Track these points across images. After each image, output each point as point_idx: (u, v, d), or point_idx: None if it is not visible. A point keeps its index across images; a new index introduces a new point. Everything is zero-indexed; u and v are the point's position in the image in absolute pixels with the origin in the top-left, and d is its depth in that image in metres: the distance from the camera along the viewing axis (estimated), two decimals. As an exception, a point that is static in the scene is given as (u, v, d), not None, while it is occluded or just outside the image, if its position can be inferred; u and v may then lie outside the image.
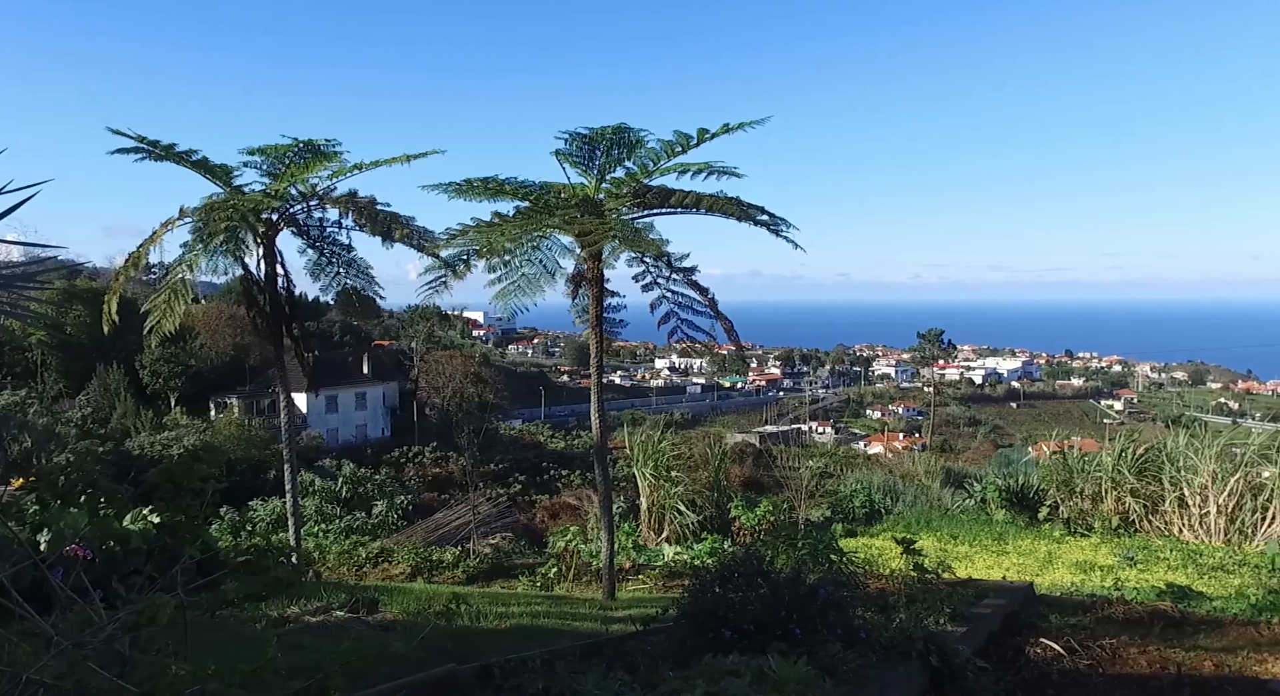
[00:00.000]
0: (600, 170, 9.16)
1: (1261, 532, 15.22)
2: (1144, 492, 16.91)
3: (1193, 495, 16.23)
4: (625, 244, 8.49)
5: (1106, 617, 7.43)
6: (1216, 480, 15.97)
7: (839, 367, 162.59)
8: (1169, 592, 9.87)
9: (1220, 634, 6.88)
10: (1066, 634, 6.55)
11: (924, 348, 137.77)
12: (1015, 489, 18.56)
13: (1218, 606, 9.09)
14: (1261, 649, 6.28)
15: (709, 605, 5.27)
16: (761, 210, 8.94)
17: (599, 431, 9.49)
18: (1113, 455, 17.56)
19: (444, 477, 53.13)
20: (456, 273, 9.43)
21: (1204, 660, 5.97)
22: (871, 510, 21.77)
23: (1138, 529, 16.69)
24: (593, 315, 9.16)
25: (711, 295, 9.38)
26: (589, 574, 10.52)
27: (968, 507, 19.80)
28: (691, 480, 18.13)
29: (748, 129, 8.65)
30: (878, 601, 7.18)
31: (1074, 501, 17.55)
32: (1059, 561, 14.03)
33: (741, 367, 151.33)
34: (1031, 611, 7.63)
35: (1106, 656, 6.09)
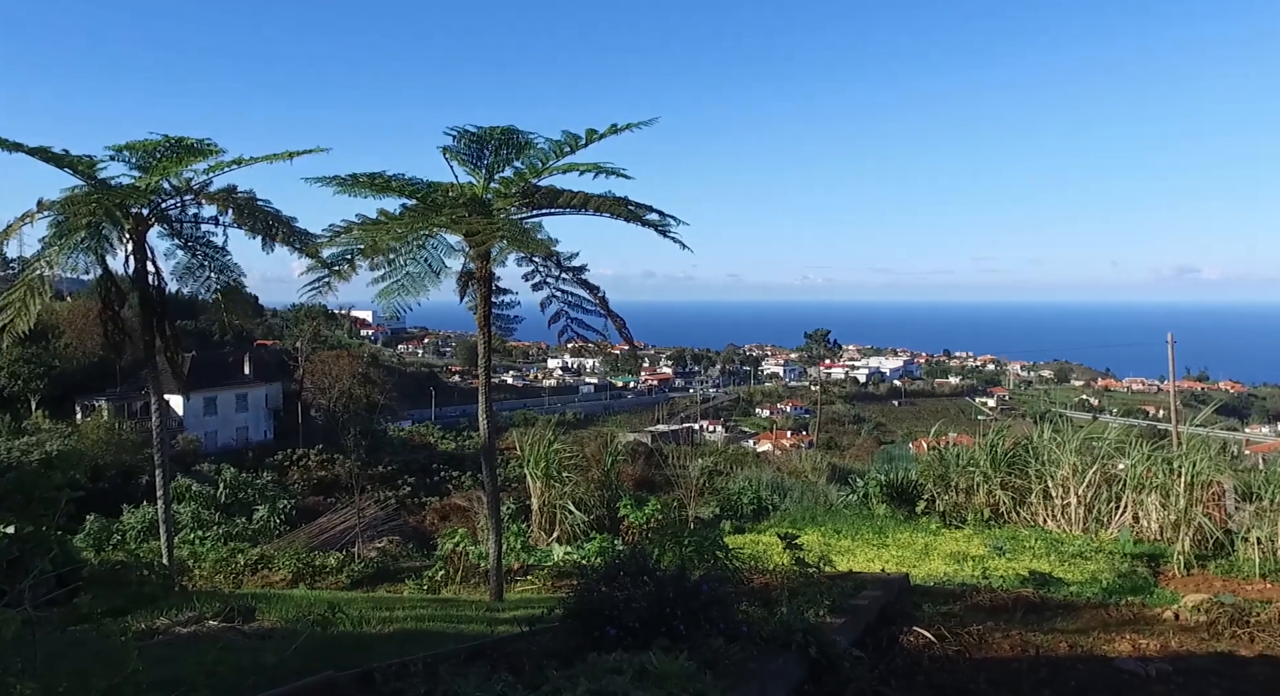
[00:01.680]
0: (489, 169, 9.08)
1: (1115, 521, 16.16)
2: (1013, 485, 17.68)
3: (1056, 487, 17.07)
4: (513, 244, 8.45)
5: (975, 605, 7.80)
6: (1077, 472, 16.84)
7: (729, 367, 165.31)
8: (1031, 580, 10.40)
9: (1075, 616, 7.31)
10: (938, 622, 6.85)
11: (811, 347, 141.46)
12: (895, 484, 19.19)
13: (1074, 591, 9.63)
14: (1110, 629, 6.70)
15: (594, 604, 5.30)
16: (650, 209, 9.03)
17: (486, 432, 9.41)
18: (984, 451, 18.32)
19: (330, 481, 51.63)
20: (340, 274, 9.20)
21: (1060, 641, 6.33)
22: (759, 507, 22.20)
23: (1007, 520, 17.43)
24: (481, 315, 9.07)
25: (602, 294, 9.43)
26: (477, 575, 10.42)
27: (851, 503, 20.39)
28: (583, 480, 18.13)
29: (635, 129, 8.73)
30: (762, 596, 7.35)
31: (949, 495, 18.23)
32: (935, 553, 14.57)
33: (634, 367, 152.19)
34: (906, 601, 7.94)
35: (973, 641, 6.40)
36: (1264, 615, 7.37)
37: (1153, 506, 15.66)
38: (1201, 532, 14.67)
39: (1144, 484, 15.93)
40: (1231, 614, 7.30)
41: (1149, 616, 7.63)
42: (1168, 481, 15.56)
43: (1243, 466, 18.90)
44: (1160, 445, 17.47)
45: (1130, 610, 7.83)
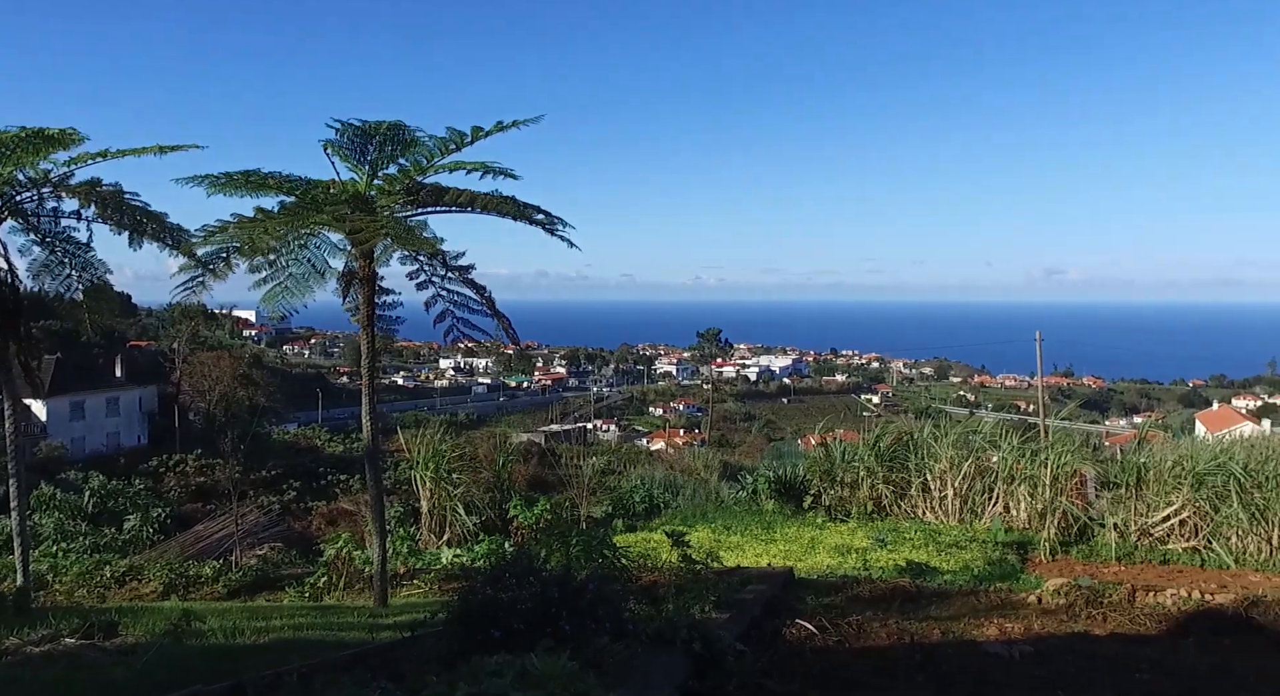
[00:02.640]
0: (373, 165, 8.87)
1: (989, 511, 16.92)
2: (894, 480, 18.26)
3: (934, 480, 17.73)
4: (398, 242, 8.28)
5: (855, 596, 8.05)
6: (954, 466, 17.52)
7: (623, 367, 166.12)
8: (908, 570, 10.80)
9: (948, 604, 7.63)
10: (820, 614, 7.04)
11: (703, 346, 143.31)
12: (783, 480, 19.60)
13: (947, 580, 10.06)
14: (980, 614, 7.02)
15: (479, 606, 5.25)
16: (538, 209, 8.99)
17: (370, 434, 9.20)
18: (868, 446, 18.90)
19: (209, 487, 49.38)
20: (216, 272, 8.84)
21: (933, 628, 6.60)
22: (651, 505, 22.35)
23: (889, 512, 18.00)
24: (364, 315, 8.86)
25: (489, 294, 9.34)
26: (362, 581, 10.18)
27: (740, 499, 20.73)
28: (475, 481, 17.91)
29: (521, 126, 8.68)
30: (650, 593, 7.41)
31: (835, 490, 18.70)
32: (820, 546, 14.96)
33: (527, 367, 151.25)
34: (790, 595, 8.13)
35: (853, 632, 6.60)
36: (1115, 596, 7.86)
37: (1022, 496, 16.45)
38: (1066, 520, 15.51)
39: (1014, 475, 16.73)
40: (1087, 596, 7.76)
41: (1015, 601, 8.04)
42: (1036, 472, 16.38)
43: (1103, 457, 19.98)
44: (1029, 438, 18.32)
45: (998, 596, 8.23)
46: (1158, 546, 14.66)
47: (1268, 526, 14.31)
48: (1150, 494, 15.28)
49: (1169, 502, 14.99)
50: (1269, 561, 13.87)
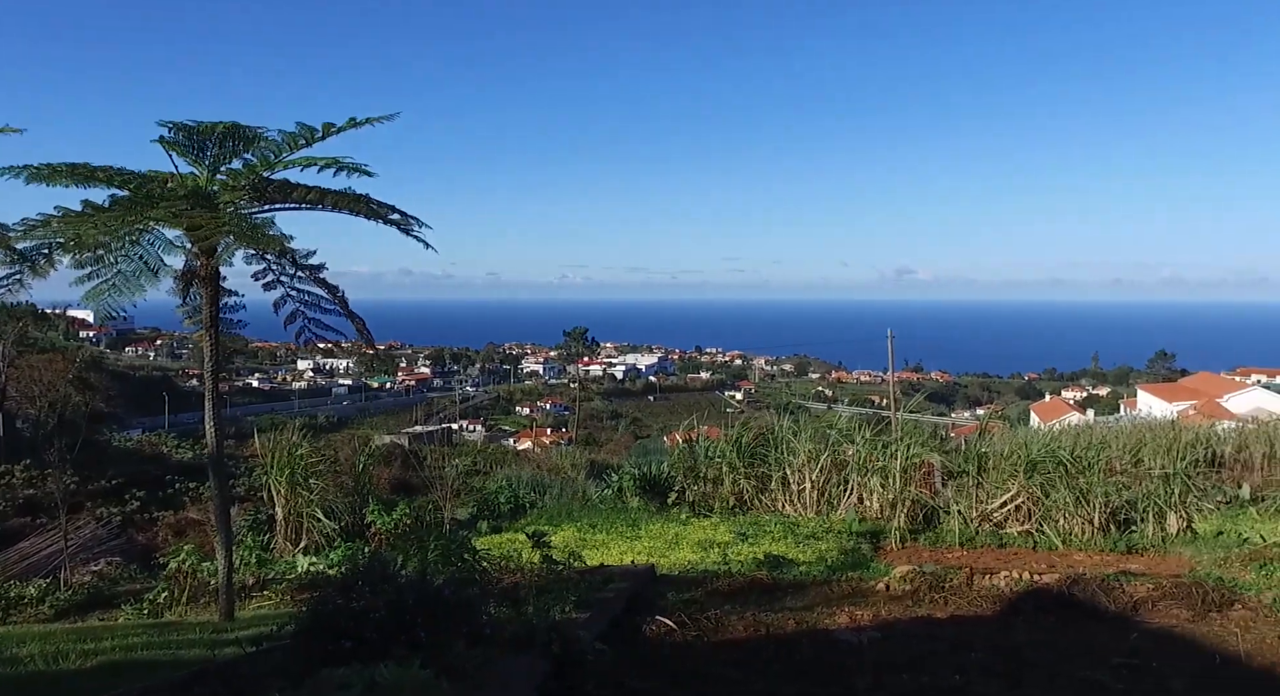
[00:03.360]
0: (214, 160, 8.42)
1: (844, 502, 17.53)
2: (756, 474, 18.66)
3: (793, 474, 18.22)
4: (242, 239, 7.89)
5: (715, 590, 8.20)
6: (811, 459, 18.08)
7: (489, 366, 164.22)
8: (766, 563, 11.07)
9: (803, 595, 7.87)
10: (679, 609, 7.14)
11: (570, 345, 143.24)
12: (648, 477, 19.75)
13: (802, 571, 10.36)
14: (832, 604, 7.28)
15: (329, 616, 5.06)
16: (393, 209, 8.74)
17: (213, 440, 8.74)
18: (729, 442, 19.28)
19: (40, 499, 45.96)
20: (36, 269, 8.18)
21: (789, 619, 6.79)
22: (517, 505, 22.14)
23: (751, 507, 18.39)
24: (207, 316, 8.40)
25: (342, 294, 9.02)
26: (207, 595, 9.68)
27: (606, 497, 20.78)
28: (334, 485, 17.31)
29: (376, 124, 8.42)
30: (512, 595, 7.33)
31: (699, 486, 18.98)
32: (684, 541, 15.15)
33: (390, 367, 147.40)
34: (652, 591, 8.21)
35: (711, 626, 6.72)
36: (955, 580, 8.30)
37: (875, 487, 17.11)
38: (915, 508, 16.23)
39: (868, 467, 17.38)
40: (930, 581, 8.17)
41: (865, 589, 8.37)
42: (887, 464, 17.08)
43: (949, 447, 21.01)
44: (882, 431, 19.07)
45: (850, 585, 8.56)
46: (997, 531, 15.52)
47: (1089, 508, 15.40)
48: (990, 481, 16.16)
49: (1006, 489, 15.89)
50: (1091, 541, 14.92)
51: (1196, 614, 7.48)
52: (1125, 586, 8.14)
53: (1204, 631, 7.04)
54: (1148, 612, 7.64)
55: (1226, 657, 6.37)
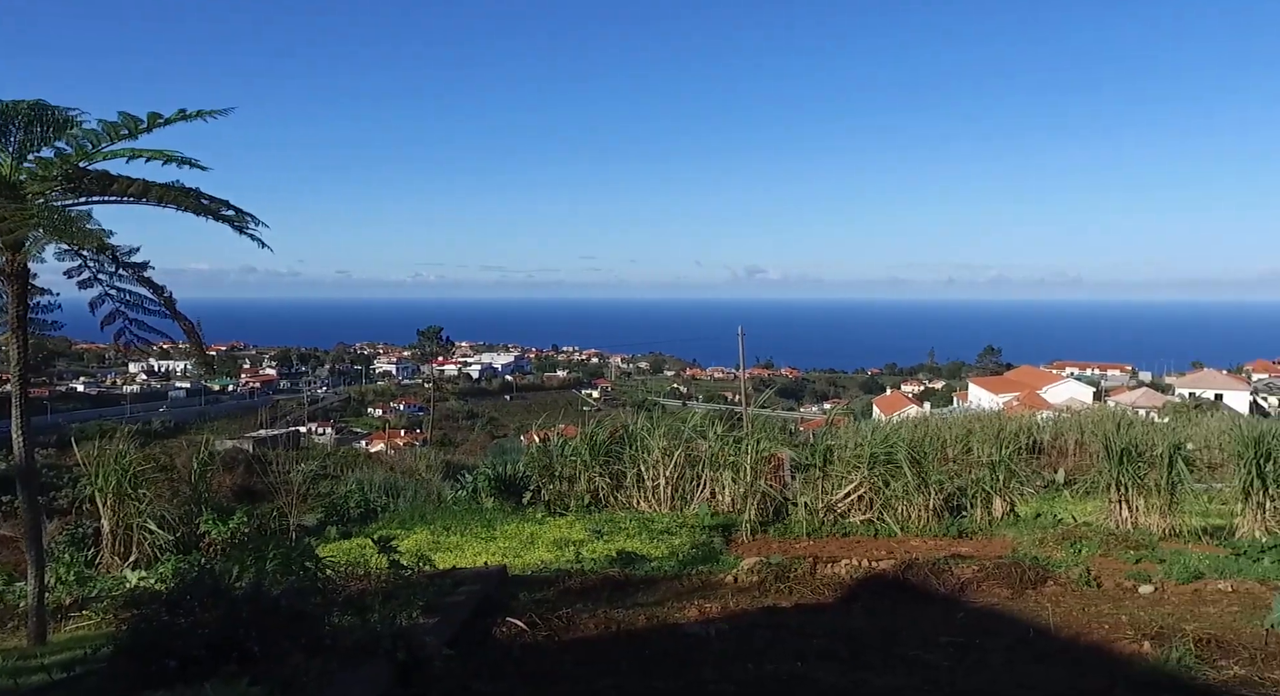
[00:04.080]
0: (21, 147, 7.75)
1: (697, 497, 17.86)
2: (611, 471, 18.75)
3: (648, 470, 18.40)
4: (54, 234, 7.30)
5: (567, 589, 8.18)
6: (666, 455, 18.32)
7: (340, 367, 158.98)
8: (619, 559, 11.14)
9: (654, 590, 7.96)
10: (531, 610, 7.09)
11: (424, 345, 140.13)
12: (504, 477, 19.53)
13: (654, 566, 10.49)
14: (682, 598, 7.39)
15: (152, 635, 4.77)
16: (226, 204, 8.28)
17: (22, 452, 8.06)
18: (584, 440, 19.29)
19: None
20: None
21: (639, 615, 6.85)
22: (367, 509, 21.47)
23: (607, 504, 18.44)
24: (13, 316, 7.73)
25: (168, 294, 8.47)
26: (16, 618, 8.93)
27: (461, 499, 20.43)
28: (169, 494, 16.30)
29: (208, 118, 7.97)
30: (357, 603, 7.10)
31: (554, 484, 18.89)
32: (539, 541, 15.07)
33: (231, 369, 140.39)
34: (504, 593, 8.12)
35: (563, 625, 6.71)
36: (800, 570, 8.61)
37: (727, 481, 17.48)
38: (765, 501, 16.71)
39: (720, 462, 17.76)
40: (776, 572, 8.43)
41: (714, 582, 8.56)
42: (739, 458, 17.49)
43: (798, 441, 21.70)
44: (733, 426, 19.51)
45: (700, 578, 8.73)
46: (841, 520, 16.15)
47: (926, 496, 16.26)
48: (836, 473, 16.80)
49: (850, 480, 16.56)
50: (927, 527, 15.75)
51: (1015, 591, 8.03)
52: (954, 569, 8.65)
53: (1021, 607, 7.56)
54: (973, 592, 8.14)
55: (1039, 630, 6.86)
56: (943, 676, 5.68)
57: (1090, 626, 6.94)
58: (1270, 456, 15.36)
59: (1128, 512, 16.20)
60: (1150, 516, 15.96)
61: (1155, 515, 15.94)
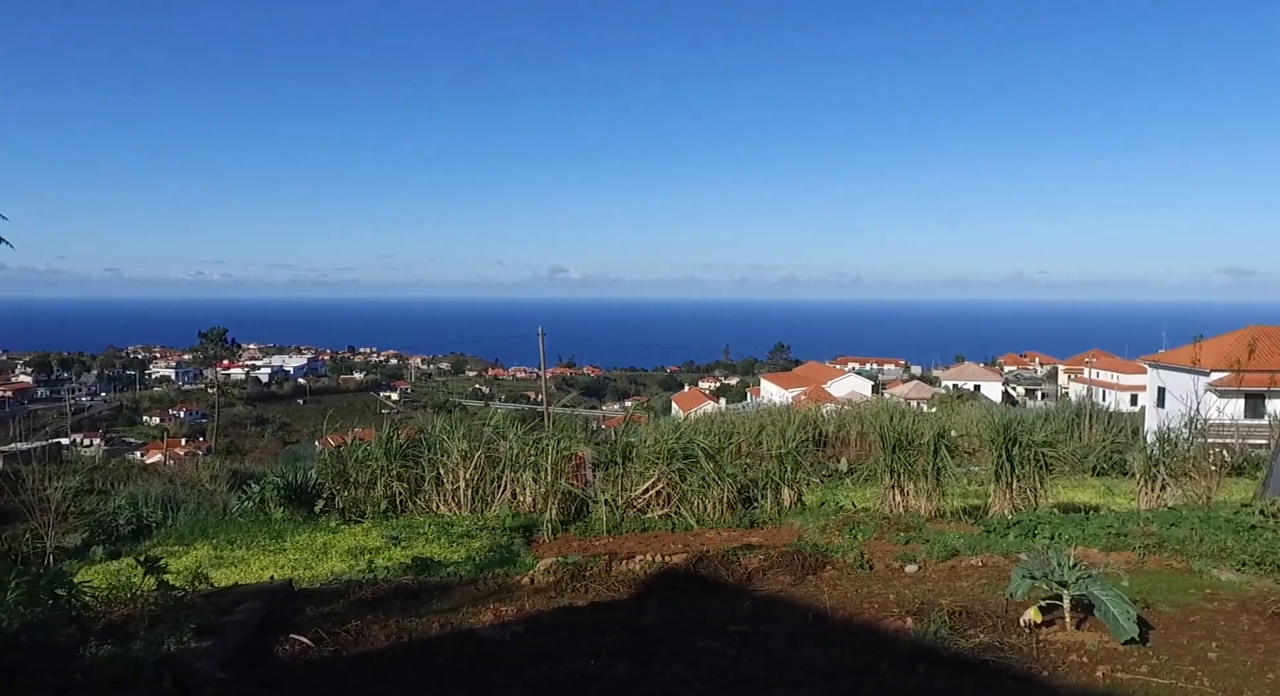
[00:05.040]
0: None
1: (498, 498, 17.74)
2: (409, 476, 18.30)
3: (447, 473, 18.08)
4: None
5: (358, 600, 7.90)
6: (466, 457, 18.08)
7: (110, 372, 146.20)
8: (413, 566, 10.88)
9: (449, 596, 7.83)
10: (317, 624, 6.79)
11: (206, 347, 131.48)
12: (294, 485, 18.64)
13: (451, 571, 10.32)
14: (478, 602, 7.31)
15: None
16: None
17: None
18: (380, 444, 18.71)
19: None
20: None
21: (433, 622, 6.72)
22: (140, 526, 19.85)
23: (405, 509, 18.00)
24: None
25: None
26: None
27: (247, 510, 19.32)
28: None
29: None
30: (121, 630, 6.56)
31: (349, 491, 18.22)
32: (333, 550, 14.49)
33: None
34: (290, 608, 7.74)
35: (351, 638, 6.47)
36: (596, 568, 8.73)
37: (528, 481, 17.46)
38: (567, 500, 16.82)
39: (521, 462, 17.72)
40: (573, 571, 8.51)
41: (511, 584, 8.52)
42: (539, 458, 17.52)
43: (600, 439, 21.99)
44: (535, 426, 19.52)
45: (496, 581, 8.66)
46: (641, 516, 16.51)
47: (720, 489, 16.91)
48: (635, 470, 17.17)
49: (649, 477, 16.97)
50: (722, 519, 16.37)
51: (797, 578, 8.50)
52: (742, 559, 9.04)
53: (802, 593, 8.02)
54: (760, 581, 8.54)
55: (817, 613, 7.30)
56: (728, 664, 5.94)
57: (862, 606, 7.45)
58: (1016, 441, 17.05)
59: (900, 497, 17.51)
60: (919, 500, 17.33)
61: (923, 499, 17.32)
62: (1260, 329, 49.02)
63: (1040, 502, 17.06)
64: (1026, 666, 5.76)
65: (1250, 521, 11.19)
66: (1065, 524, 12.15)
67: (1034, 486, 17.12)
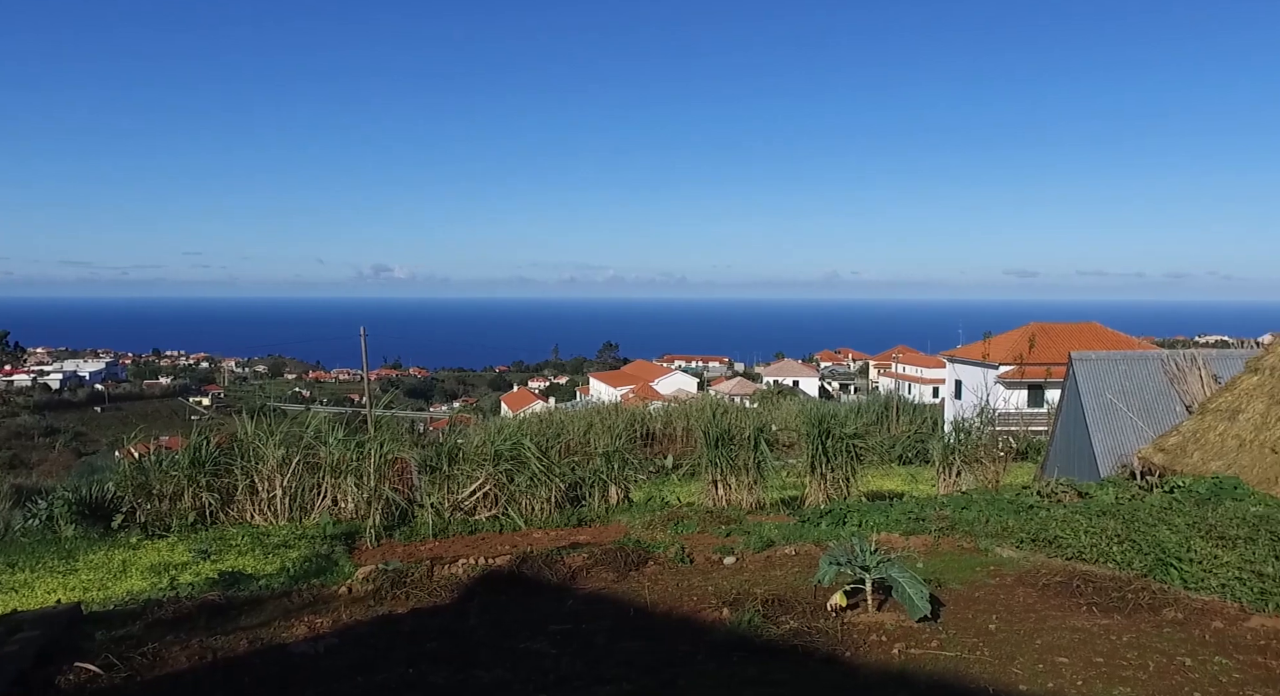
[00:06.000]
0: None
1: (319, 506, 17.10)
2: (220, 485, 17.38)
3: (262, 481, 17.27)
4: None
5: (158, 620, 7.42)
6: (283, 464, 17.32)
7: None
8: (222, 580, 10.33)
9: (260, 610, 7.48)
10: (109, 649, 6.33)
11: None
12: (89, 499, 17.29)
13: (262, 584, 9.86)
14: (291, 615, 7.02)
15: None
16: None
17: None
18: (187, 452, 17.66)
19: None
20: None
21: (241, 639, 6.40)
22: (-104, 559, 17.87)
23: (217, 520, 17.09)
24: None
25: None
26: None
27: (32, 528, 17.74)
28: None
29: None
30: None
31: (152, 504, 17.11)
32: (133, 569, 13.57)
33: None
34: (76, 634, 7.17)
35: (147, 662, 6.07)
36: (417, 574, 8.56)
37: (350, 487, 16.93)
38: (391, 505, 16.40)
39: (342, 467, 17.15)
40: (393, 578, 8.31)
41: (328, 595, 8.22)
42: (362, 462, 17.01)
43: (426, 441, 21.58)
44: (357, 429, 18.93)
45: (312, 593, 8.33)
46: (468, 519, 16.34)
47: (549, 489, 16.96)
48: (462, 472, 16.97)
49: (476, 479, 16.82)
50: (550, 518, 16.43)
51: (620, 575, 8.64)
52: (565, 558, 9.11)
53: (624, 589, 8.16)
54: (583, 579, 8.62)
55: (639, 609, 7.45)
56: (549, 664, 5.97)
57: (682, 600, 7.66)
58: (830, 434, 17.99)
59: (723, 491, 18.12)
60: (741, 493, 18.00)
61: (745, 492, 18.01)
62: (1039, 325, 53.79)
63: (852, 492, 18.07)
64: (832, 648, 6.09)
65: (1029, 502, 12.28)
66: (872, 511, 12.92)
67: (846, 476, 18.12)
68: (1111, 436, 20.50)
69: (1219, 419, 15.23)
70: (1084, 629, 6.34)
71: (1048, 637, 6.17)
